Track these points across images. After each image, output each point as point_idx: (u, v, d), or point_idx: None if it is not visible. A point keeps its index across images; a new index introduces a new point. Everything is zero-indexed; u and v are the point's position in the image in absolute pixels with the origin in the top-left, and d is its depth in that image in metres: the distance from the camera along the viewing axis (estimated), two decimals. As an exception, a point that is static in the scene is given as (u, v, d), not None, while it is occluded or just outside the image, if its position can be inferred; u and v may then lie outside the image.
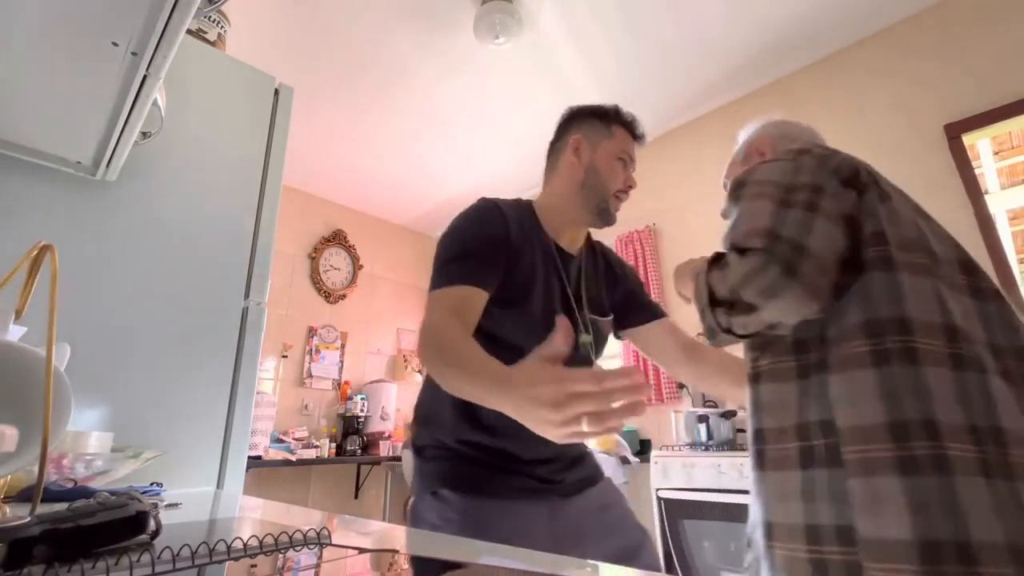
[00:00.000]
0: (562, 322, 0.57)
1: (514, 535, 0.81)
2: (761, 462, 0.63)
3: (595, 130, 1.01)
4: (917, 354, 0.57)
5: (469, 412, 0.89)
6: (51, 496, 0.54)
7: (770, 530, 0.60)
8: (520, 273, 0.90)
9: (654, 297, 3.04)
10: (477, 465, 0.88)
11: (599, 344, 1.01)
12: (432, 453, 0.92)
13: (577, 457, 0.98)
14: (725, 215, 0.84)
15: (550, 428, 0.51)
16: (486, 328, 0.86)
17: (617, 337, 1.11)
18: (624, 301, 1.08)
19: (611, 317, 1.04)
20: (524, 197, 1.05)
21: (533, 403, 0.51)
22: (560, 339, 0.55)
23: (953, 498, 0.50)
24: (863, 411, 0.56)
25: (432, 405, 0.94)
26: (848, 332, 0.60)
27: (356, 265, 4.27)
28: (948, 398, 0.55)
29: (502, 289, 0.87)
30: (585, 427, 0.49)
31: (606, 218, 0.99)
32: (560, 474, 0.93)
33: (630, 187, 1.01)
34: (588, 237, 1.08)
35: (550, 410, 0.49)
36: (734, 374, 1.00)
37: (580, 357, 0.95)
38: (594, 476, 0.99)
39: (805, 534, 0.56)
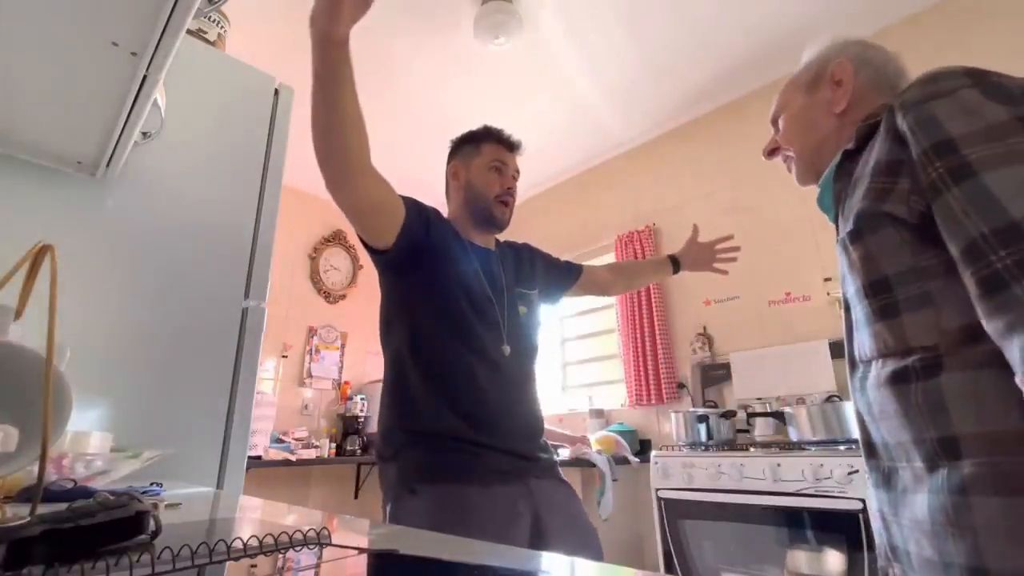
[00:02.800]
0: None
1: (498, 519, 0.83)
2: (962, 484, 0.47)
3: (467, 154, 1.17)
4: None
5: (442, 400, 0.93)
6: (51, 496, 0.54)
7: None
8: (440, 252, 1.03)
9: (654, 296, 3.05)
10: (453, 453, 0.91)
11: (532, 312, 1.16)
12: (405, 453, 0.94)
13: (545, 447, 1.06)
14: (805, 179, 0.72)
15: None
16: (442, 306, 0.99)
17: (554, 301, 1.35)
18: (547, 273, 1.29)
19: (537, 290, 1.21)
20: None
21: None
22: None
23: None
24: None
25: (398, 407, 0.98)
26: None
27: (356, 265, 4.27)
28: None
29: (433, 268, 1.00)
30: None
31: (494, 223, 1.13)
32: (536, 452, 1.00)
33: (509, 189, 1.14)
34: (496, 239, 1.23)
35: None
36: (644, 266, 1.53)
37: (520, 326, 1.09)
38: (559, 474, 1.06)
39: None
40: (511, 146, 1.17)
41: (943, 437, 0.49)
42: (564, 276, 1.34)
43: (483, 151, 1.15)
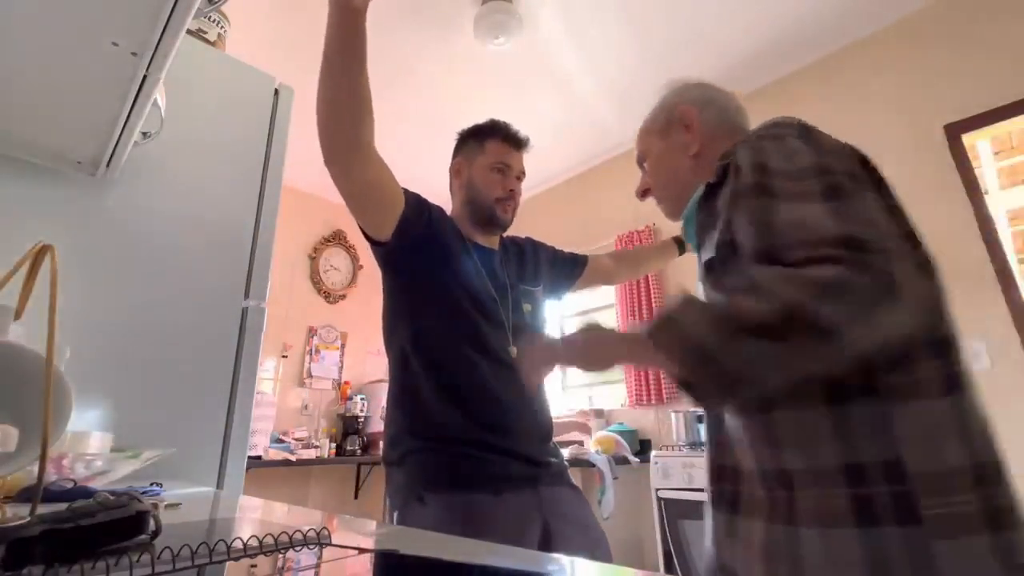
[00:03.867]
0: None
1: (508, 528, 0.81)
2: (777, 511, 0.50)
3: (471, 150, 1.13)
4: (965, 379, 0.50)
5: (450, 403, 0.91)
6: (51, 496, 0.54)
7: None
8: (440, 249, 1.01)
9: (653, 295, 3.05)
10: (462, 459, 0.88)
11: (537, 309, 1.15)
12: (413, 459, 0.91)
13: (555, 451, 1.04)
14: (674, 216, 0.77)
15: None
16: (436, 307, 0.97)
17: (560, 295, 1.32)
18: (552, 267, 1.26)
19: (541, 286, 1.19)
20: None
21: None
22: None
23: None
24: (943, 452, 0.46)
25: (404, 410, 0.96)
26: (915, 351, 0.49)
27: (356, 265, 4.27)
28: (989, 433, 0.49)
29: (433, 266, 0.99)
30: None
31: (496, 223, 1.10)
32: (547, 457, 0.97)
33: (511, 191, 1.10)
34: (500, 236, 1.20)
35: None
36: (648, 251, 1.45)
37: (524, 322, 1.07)
38: (569, 479, 1.03)
39: None
40: (518, 143, 1.13)
41: (779, 470, 0.52)
42: (570, 268, 1.30)
43: (487, 149, 1.11)
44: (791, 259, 0.48)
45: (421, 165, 3.80)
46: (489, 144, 1.11)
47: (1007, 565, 0.42)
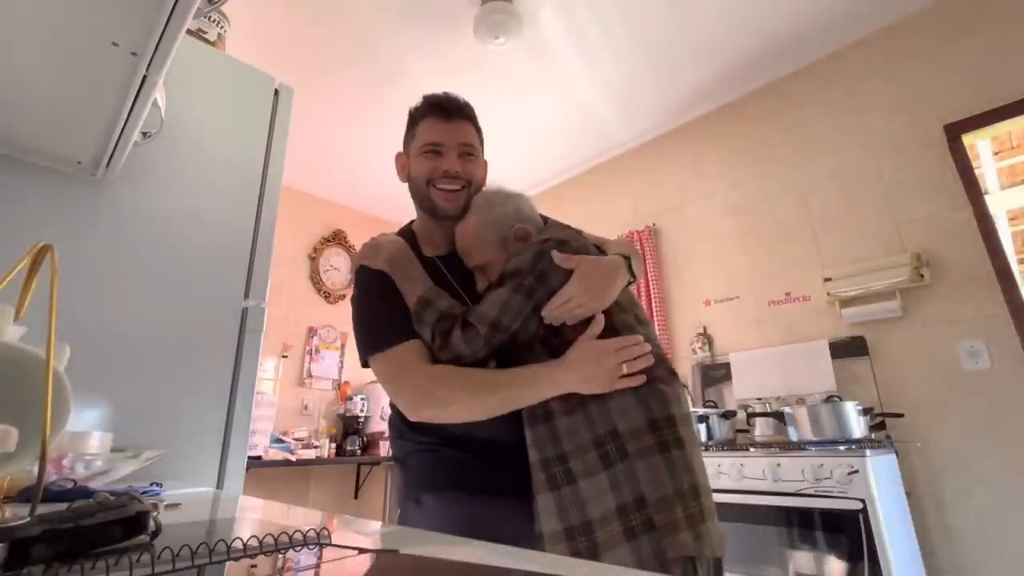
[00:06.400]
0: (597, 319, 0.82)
1: (502, 533, 0.79)
2: (609, 460, 0.75)
3: (408, 141, 1.00)
4: None
5: None
6: (51, 496, 0.54)
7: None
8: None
9: (654, 296, 3.05)
10: (460, 462, 0.87)
11: None
12: (413, 459, 0.91)
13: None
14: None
15: (606, 376, 0.77)
16: None
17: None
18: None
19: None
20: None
21: (598, 365, 0.77)
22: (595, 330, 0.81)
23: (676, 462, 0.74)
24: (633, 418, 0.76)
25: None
26: None
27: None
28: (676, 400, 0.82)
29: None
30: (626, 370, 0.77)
31: (436, 213, 0.96)
32: None
33: (445, 171, 0.93)
34: None
35: (614, 364, 0.77)
36: None
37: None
38: None
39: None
40: (446, 113, 0.95)
41: (610, 432, 0.78)
42: None
43: (417, 133, 0.97)
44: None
45: (421, 165, 3.80)
46: (420, 126, 0.97)
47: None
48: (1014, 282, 1.99)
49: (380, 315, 0.91)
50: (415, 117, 0.99)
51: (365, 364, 0.92)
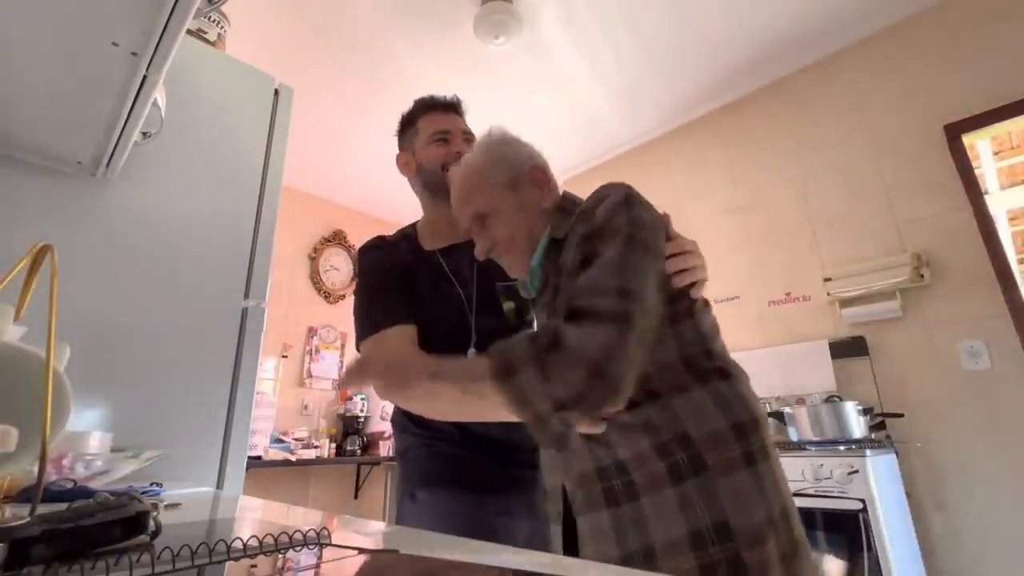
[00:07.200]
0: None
1: (497, 530, 0.79)
2: (680, 473, 0.61)
3: (408, 138, 1.06)
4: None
5: None
6: (51, 496, 0.54)
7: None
8: (420, 289, 0.94)
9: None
10: (457, 458, 0.87)
11: (530, 305, 1.05)
12: (411, 454, 0.91)
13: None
14: (521, 271, 0.78)
15: None
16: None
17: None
18: None
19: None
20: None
21: None
22: None
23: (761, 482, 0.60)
24: (709, 420, 0.62)
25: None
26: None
27: (356, 265, 4.27)
28: (753, 400, 0.66)
29: (416, 312, 0.91)
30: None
31: (445, 190, 0.94)
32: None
33: (458, 153, 0.97)
34: None
35: None
36: None
37: (512, 323, 0.94)
38: None
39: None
40: (447, 106, 1.05)
41: (680, 435, 0.65)
42: None
43: (421, 127, 1.04)
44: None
45: (421, 165, 3.80)
46: (421, 121, 1.05)
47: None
48: (1014, 282, 1.98)
49: (374, 302, 0.92)
50: (413, 115, 1.05)
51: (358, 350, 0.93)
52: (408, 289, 0.93)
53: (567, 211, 0.76)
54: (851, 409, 2.00)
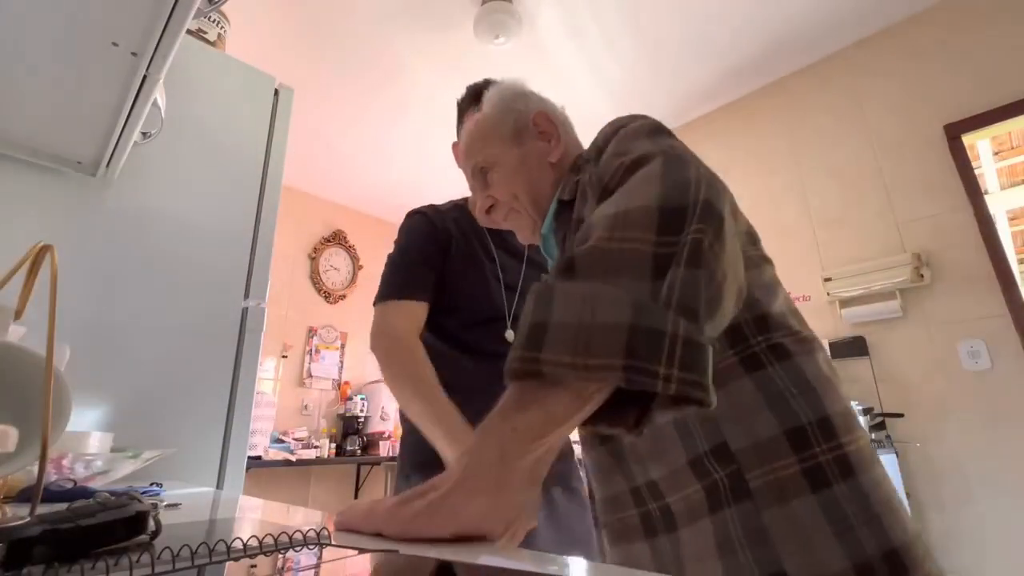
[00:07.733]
0: None
1: None
2: (719, 498, 0.46)
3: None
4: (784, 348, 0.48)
5: (442, 379, 0.88)
6: (51, 496, 0.54)
7: None
8: (455, 263, 0.96)
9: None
10: None
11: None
12: (412, 438, 0.90)
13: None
14: (533, 234, 0.70)
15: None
16: (449, 327, 0.93)
17: None
18: None
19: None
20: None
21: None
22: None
23: (866, 502, 0.42)
24: (754, 426, 0.45)
25: None
26: None
27: (356, 265, 4.27)
28: (827, 387, 0.47)
29: (448, 285, 0.94)
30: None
31: None
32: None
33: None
34: None
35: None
36: None
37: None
38: (570, 482, 0.96)
39: None
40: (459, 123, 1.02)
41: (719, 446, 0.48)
42: None
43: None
44: None
45: (420, 165, 3.80)
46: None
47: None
48: (1014, 282, 1.99)
49: (396, 270, 0.95)
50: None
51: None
52: (436, 262, 0.95)
53: (580, 169, 0.65)
54: (851, 409, 2.00)
